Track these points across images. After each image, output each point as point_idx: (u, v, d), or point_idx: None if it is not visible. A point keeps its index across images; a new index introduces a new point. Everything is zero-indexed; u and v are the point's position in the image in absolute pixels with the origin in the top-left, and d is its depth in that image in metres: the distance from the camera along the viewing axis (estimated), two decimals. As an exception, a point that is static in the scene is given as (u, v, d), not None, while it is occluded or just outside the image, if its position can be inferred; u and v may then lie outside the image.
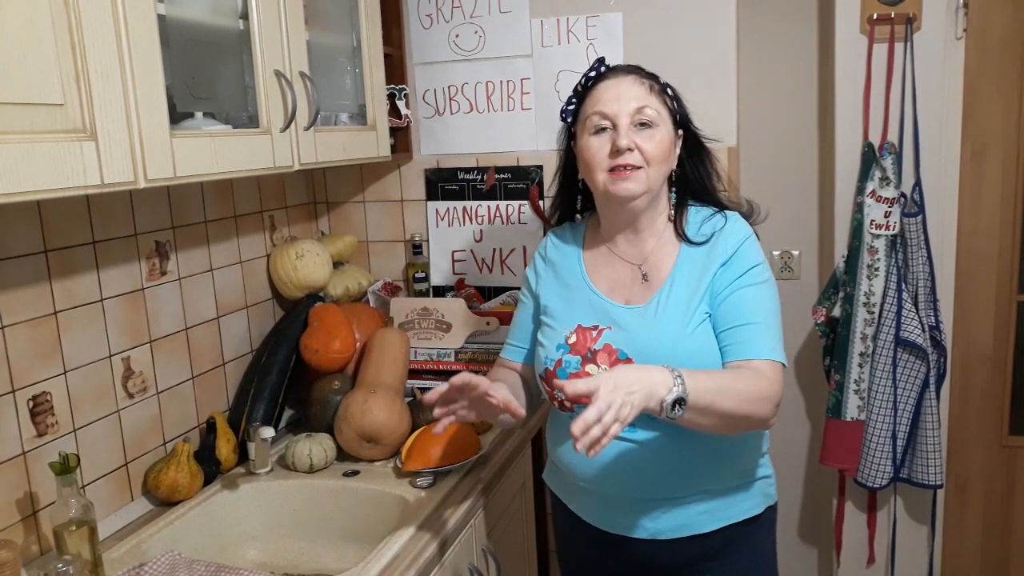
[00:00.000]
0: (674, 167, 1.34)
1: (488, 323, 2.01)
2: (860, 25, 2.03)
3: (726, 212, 1.36)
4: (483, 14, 2.10)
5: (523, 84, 2.10)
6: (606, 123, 1.28)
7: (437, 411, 1.24)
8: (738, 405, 1.18)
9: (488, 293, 2.22)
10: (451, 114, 2.17)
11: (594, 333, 1.32)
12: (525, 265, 2.18)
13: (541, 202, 2.14)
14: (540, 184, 2.14)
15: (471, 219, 2.20)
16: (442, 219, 2.23)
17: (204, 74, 1.42)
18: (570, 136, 1.39)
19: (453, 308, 2.05)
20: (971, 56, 2.04)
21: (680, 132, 1.35)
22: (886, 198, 2.02)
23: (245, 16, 1.43)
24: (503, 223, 2.18)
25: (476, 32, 2.11)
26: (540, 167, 2.13)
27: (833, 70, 2.09)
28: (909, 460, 2.11)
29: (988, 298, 2.16)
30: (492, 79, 2.12)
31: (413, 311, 2.08)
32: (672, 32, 1.98)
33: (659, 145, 1.28)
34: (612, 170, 1.27)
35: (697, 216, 1.37)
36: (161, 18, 1.21)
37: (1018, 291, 2.15)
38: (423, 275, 2.23)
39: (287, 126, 1.50)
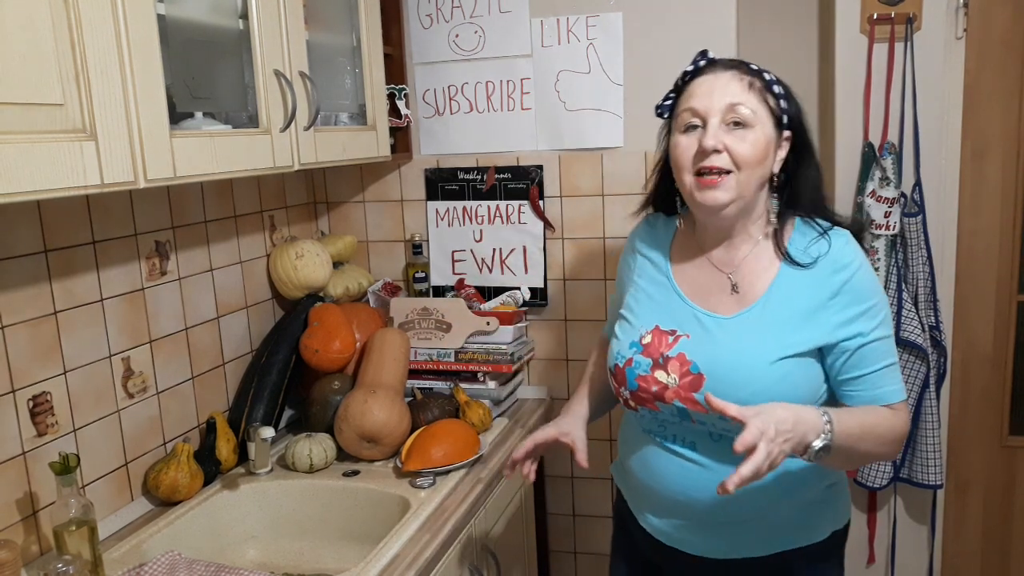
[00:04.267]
0: (775, 171, 1.24)
1: (488, 323, 2.01)
2: (860, 25, 2.03)
3: (830, 233, 1.25)
4: (483, 14, 2.10)
5: (523, 84, 2.10)
6: (696, 120, 1.20)
7: (523, 466, 1.36)
8: (874, 448, 1.19)
9: (488, 293, 2.22)
10: (451, 114, 2.17)
11: (670, 339, 1.25)
12: (526, 265, 2.18)
13: (541, 202, 2.14)
14: (540, 184, 2.14)
15: (471, 219, 2.20)
16: (442, 219, 2.23)
17: (204, 74, 1.42)
18: (669, 132, 1.30)
19: (453, 308, 2.05)
20: (971, 56, 2.04)
21: (787, 135, 1.24)
22: (886, 198, 2.02)
23: (245, 16, 1.43)
24: (503, 223, 2.18)
25: (476, 32, 2.11)
26: (540, 167, 2.13)
27: (833, 70, 2.09)
28: (909, 460, 2.11)
29: (988, 298, 2.16)
30: (492, 79, 2.12)
31: (413, 311, 2.08)
32: (672, 32, 1.98)
33: (752, 147, 1.18)
34: (699, 174, 1.19)
35: (803, 234, 1.26)
36: (161, 18, 1.21)
37: (1018, 291, 2.14)
38: (423, 275, 2.23)
39: (287, 126, 1.50)
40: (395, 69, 2.13)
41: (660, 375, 1.24)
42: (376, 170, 2.25)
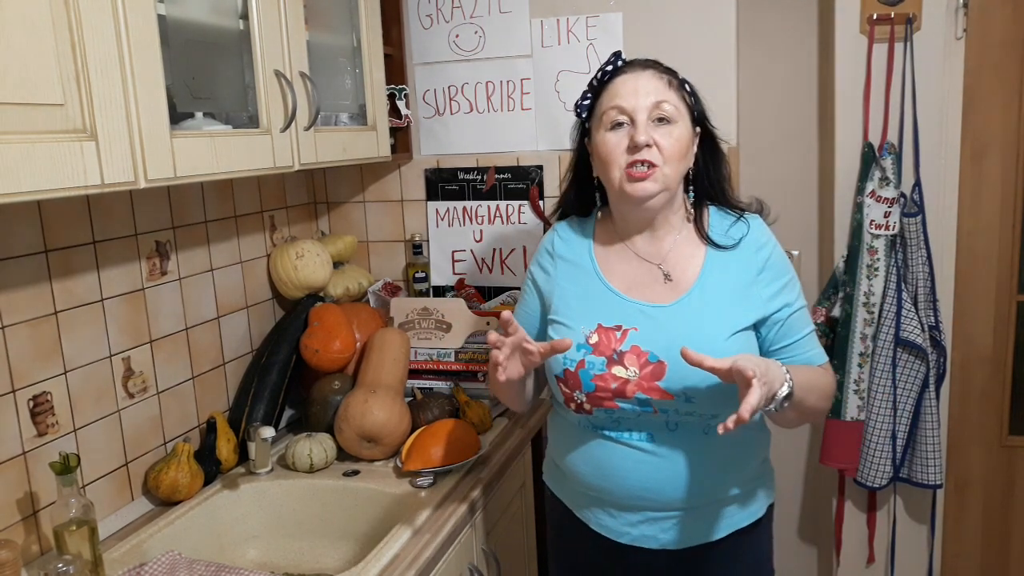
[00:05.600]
0: (691, 165, 1.31)
1: (488, 323, 2.01)
2: (860, 25, 2.03)
3: (746, 216, 1.35)
4: (483, 14, 2.10)
5: (523, 84, 2.10)
6: (623, 118, 1.25)
7: (500, 354, 1.19)
8: (818, 401, 1.28)
9: (488, 293, 2.22)
10: (451, 114, 2.17)
11: (618, 334, 1.26)
12: (525, 265, 2.18)
13: (541, 202, 2.14)
14: (540, 184, 2.14)
15: (471, 219, 2.21)
16: (442, 219, 2.23)
17: (204, 74, 1.42)
18: (583, 132, 1.36)
19: (453, 308, 2.05)
20: (971, 56, 2.05)
21: (697, 130, 1.32)
22: (886, 198, 2.02)
23: (245, 16, 1.43)
24: (503, 223, 2.18)
25: (476, 32, 2.11)
26: (540, 167, 2.13)
27: (833, 70, 2.09)
28: (909, 460, 2.11)
29: (988, 298, 2.16)
30: (492, 79, 2.12)
31: (413, 311, 2.08)
32: (672, 32, 1.99)
33: (677, 142, 1.24)
34: (630, 166, 1.24)
35: (720, 219, 1.34)
36: (161, 18, 1.21)
37: (1018, 291, 2.15)
38: (423, 275, 2.23)
39: (287, 126, 1.50)
40: (395, 69, 2.13)
41: (618, 371, 1.24)
42: (376, 170, 2.25)
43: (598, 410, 1.28)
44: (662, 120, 1.24)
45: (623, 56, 1.33)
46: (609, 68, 1.31)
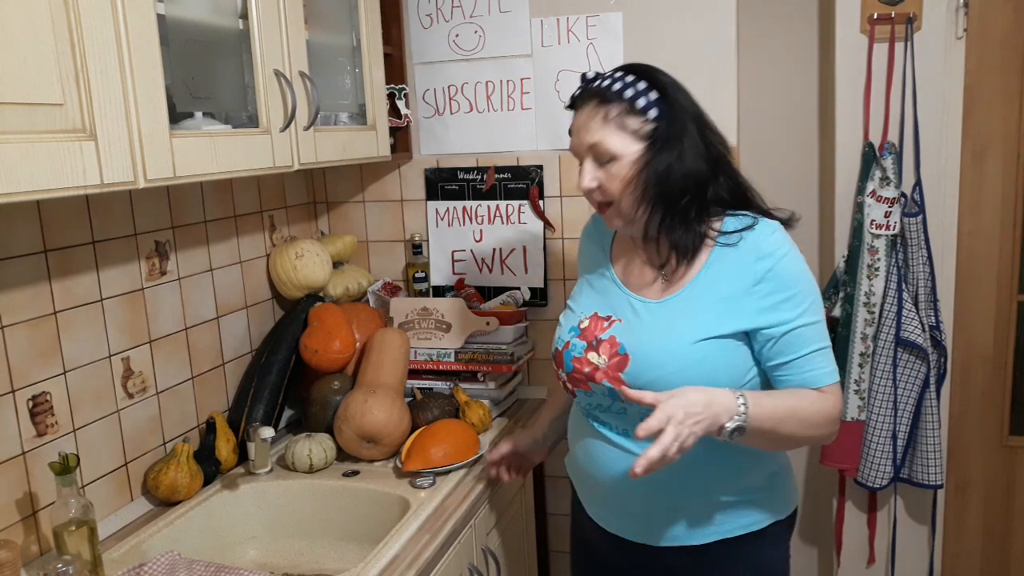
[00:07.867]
0: (655, 188, 1.22)
1: (488, 323, 2.01)
2: (860, 25, 2.03)
3: (760, 221, 1.26)
4: (483, 14, 2.09)
5: (523, 84, 2.10)
6: (577, 157, 1.30)
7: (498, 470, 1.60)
8: (800, 429, 1.23)
9: (488, 293, 2.22)
10: (451, 114, 2.17)
11: (605, 323, 1.32)
12: (526, 265, 2.18)
13: (541, 202, 2.14)
14: (540, 184, 2.13)
15: (471, 219, 2.20)
16: (442, 219, 2.23)
17: (204, 74, 1.42)
18: None
19: (453, 308, 2.05)
20: (971, 56, 2.04)
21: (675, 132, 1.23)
22: (886, 198, 2.02)
23: (245, 16, 1.43)
24: (503, 223, 2.18)
25: (476, 32, 2.11)
26: (540, 167, 2.13)
27: (833, 70, 2.09)
28: (909, 460, 2.11)
29: (988, 298, 2.16)
30: (492, 79, 2.12)
31: (413, 311, 2.08)
32: (672, 32, 1.98)
33: (620, 181, 1.23)
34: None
35: (734, 222, 1.27)
36: (161, 18, 1.21)
37: (1018, 291, 2.14)
38: (423, 275, 2.23)
39: (287, 126, 1.50)
40: (395, 69, 2.13)
41: (592, 356, 1.30)
42: (376, 170, 2.24)
43: (579, 392, 1.34)
44: (603, 158, 1.24)
45: (589, 78, 1.28)
46: (577, 93, 1.30)
